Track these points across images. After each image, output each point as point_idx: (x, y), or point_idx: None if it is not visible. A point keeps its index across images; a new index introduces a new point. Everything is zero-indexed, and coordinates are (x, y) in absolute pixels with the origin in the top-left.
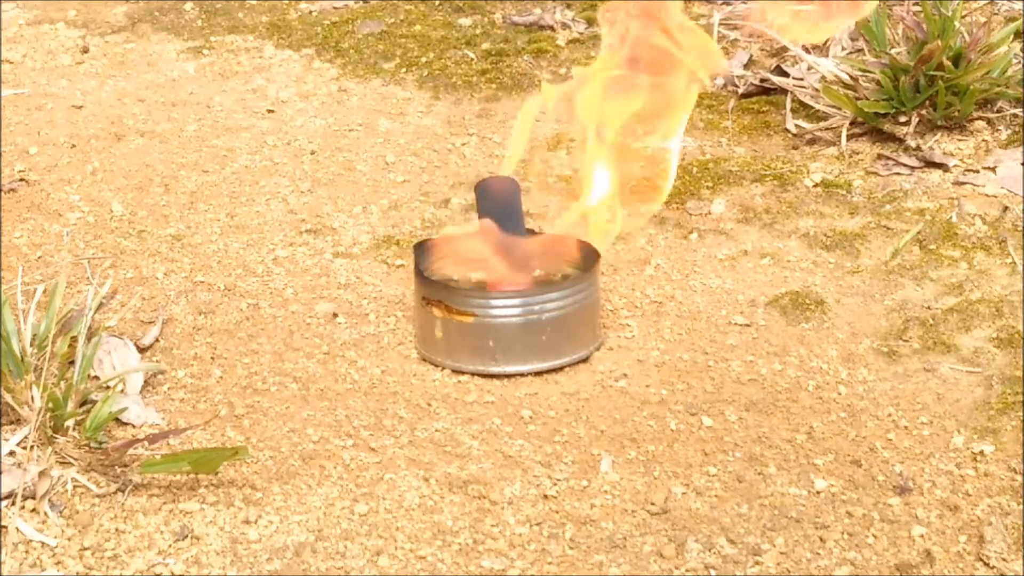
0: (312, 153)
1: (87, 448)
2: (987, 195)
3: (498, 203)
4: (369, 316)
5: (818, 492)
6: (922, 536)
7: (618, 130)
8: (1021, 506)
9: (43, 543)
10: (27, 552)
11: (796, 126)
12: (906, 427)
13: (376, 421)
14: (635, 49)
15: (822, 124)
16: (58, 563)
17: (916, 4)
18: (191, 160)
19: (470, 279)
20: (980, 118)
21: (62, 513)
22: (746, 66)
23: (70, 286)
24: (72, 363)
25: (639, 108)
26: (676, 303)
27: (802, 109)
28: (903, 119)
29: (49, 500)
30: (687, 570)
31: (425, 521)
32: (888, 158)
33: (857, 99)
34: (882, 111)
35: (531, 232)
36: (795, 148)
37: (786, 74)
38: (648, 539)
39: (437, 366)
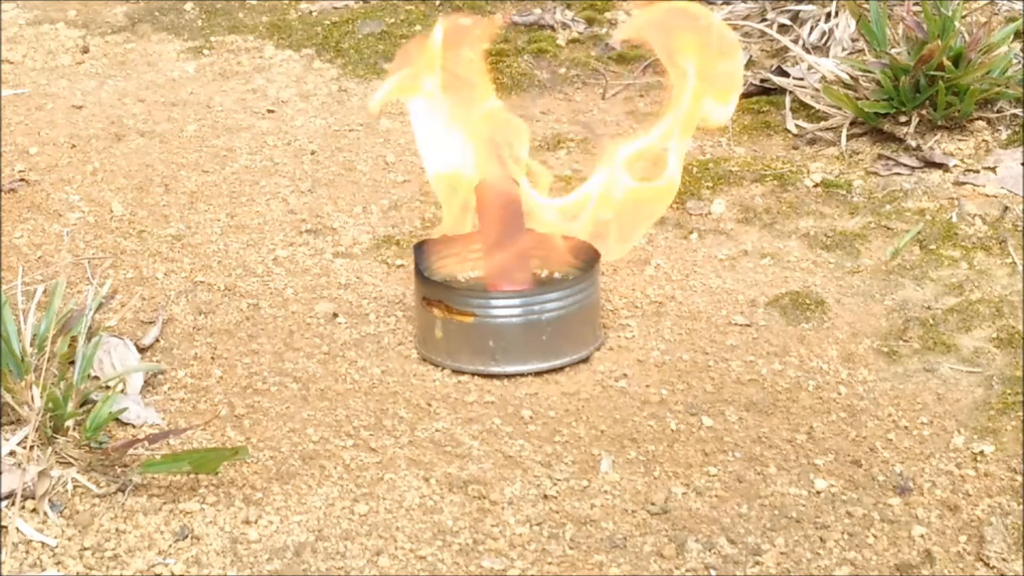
0: (312, 153)
1: (87, 448)
2: (987, 195)
3: (497, 203)
4: (369, 316)
5: (818, 492)
6: (922, 536)
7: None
8: (1021, 506)
9: (43, 543)
10: (27, 552)
11: (796, 126)
12: (906, 427)
13: (376, 421)
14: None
15: (822, 124)
16: (58, 563)
17: (916, 4)
18: (191, 160)
19: (470, 279)
20: (980, 118)
21: (62, 513)
22: (746, 66)
23: (70, 286)
24: (72, 363)
25: None
26: (676, 303)
27: (802, 109)
28: (903, 119)
29: (49, 500)
30: (687, 570)
31: (425, 521)
32: (888, 158)
33: (857, 99)
34: (882, 111)
35: (530, 232)
36: (795, 148)
37: (786, 74)
38: (648, 539)
39: (437, 366)
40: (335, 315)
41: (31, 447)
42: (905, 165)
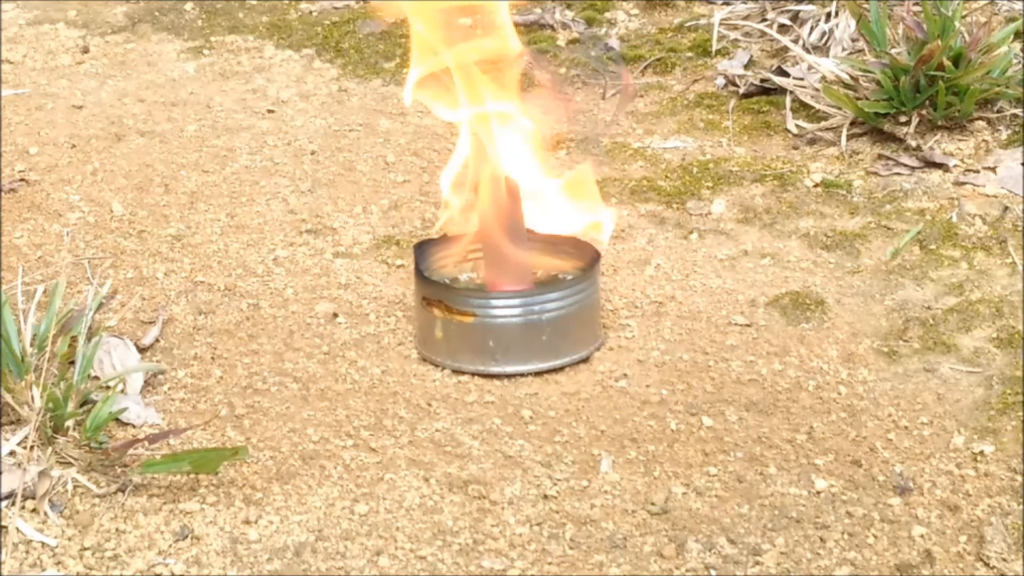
0: (312, 153)
1: (87, 448)
2: (987, 195)
3: (498, 203)
4: (369, 316)
5: (818, 492)
6: (922, 536)
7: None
8: (1021, 506)
9: (43, 543)
10: (27, 552)
11: (796, 126)
12: (906, 427)
13: (376, 421)
14: None
15: (822, 124)
16: (58, 563)
17: (916, 4)
18: (191, 160)
19: (470, 279)
20: (980, 118)
21: (62, 513)
22: (746, 66)
23: (70, 286)
24: (72, 363)
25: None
26: (676, 303)
27: (802, 109)
28: (903, 119)
29: (49, 500)
30: (687, 570)
31: (425, 521)
32: (888, 158)
33: (857, 99)
34: (882, 111)
35: (531, 232)
36: (795, 148)
37: (787, 74)
38: (648, 539)
39: (437, 366)
40: (335, 315)
41: (31, 447)
42: (905, 165)
